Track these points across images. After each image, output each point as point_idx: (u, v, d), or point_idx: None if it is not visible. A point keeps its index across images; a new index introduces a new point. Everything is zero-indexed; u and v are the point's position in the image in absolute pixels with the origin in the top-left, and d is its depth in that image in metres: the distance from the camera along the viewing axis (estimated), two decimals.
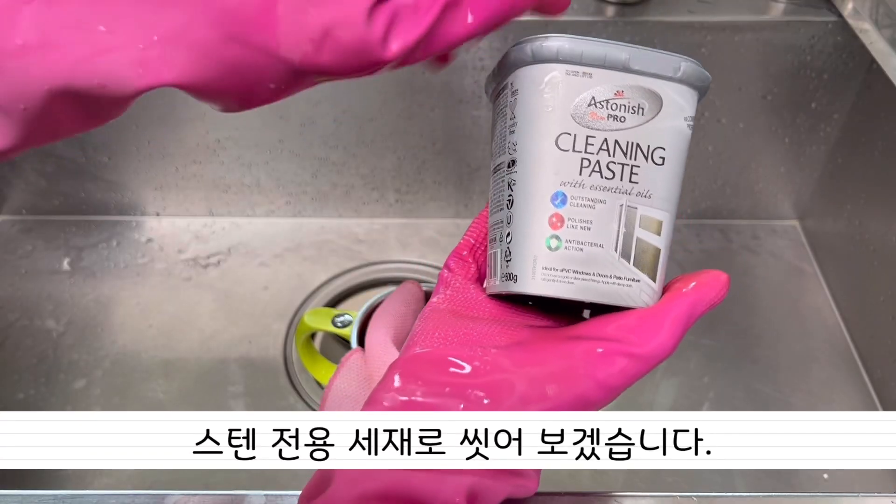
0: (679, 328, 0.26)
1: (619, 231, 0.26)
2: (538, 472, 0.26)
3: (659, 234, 0.27)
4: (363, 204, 0.70)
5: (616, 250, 0.26)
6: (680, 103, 0.27)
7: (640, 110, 0.26)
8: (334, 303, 0.64)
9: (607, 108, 0.26)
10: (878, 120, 0.58)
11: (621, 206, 0.26)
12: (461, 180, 0.68)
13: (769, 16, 0.59)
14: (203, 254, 0.67)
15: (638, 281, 0.26)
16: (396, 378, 0.26)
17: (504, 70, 0.28)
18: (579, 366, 0.25)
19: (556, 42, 0.26)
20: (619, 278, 0.26)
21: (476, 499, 0.24)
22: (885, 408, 0.56)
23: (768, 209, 0.70)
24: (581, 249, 0.26)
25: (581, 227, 0.26)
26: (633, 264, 0.26)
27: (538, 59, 0.26)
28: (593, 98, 0.26)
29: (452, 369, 0.26)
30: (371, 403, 0.26)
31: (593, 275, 0.26)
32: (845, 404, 0.57)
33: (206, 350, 0.60)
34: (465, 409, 0.25)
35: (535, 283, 0.26)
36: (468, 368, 0.26)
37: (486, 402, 0.25)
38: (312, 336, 0.60)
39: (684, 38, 0.59)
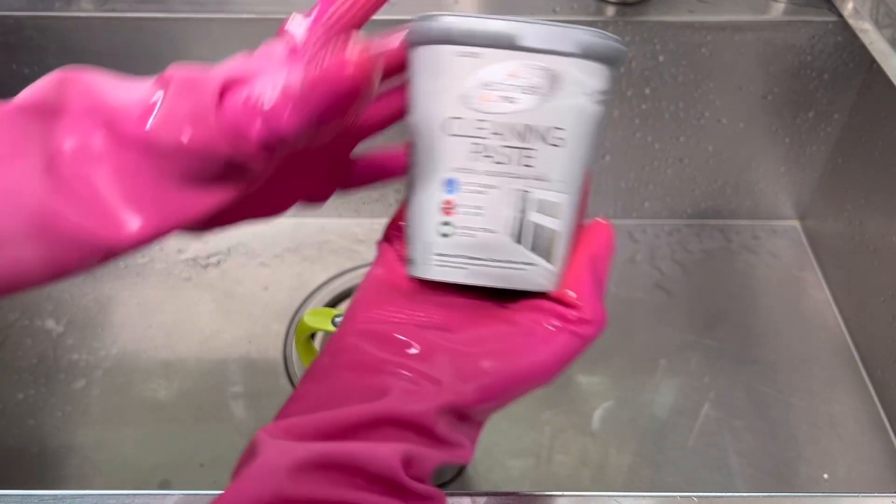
0: (594, 291, 0.26)
1: (512, 216, 0.25)
2: (474, 441, 0.27)
3: (557, 216, 0.26)
4: (363, 204, 0.70)
5: (510, 235, 0.26)
6: (581, 80, 0.25)
7: (535, 90, 0.24)
8: (334, 303, 0.64)
9: (499, 90, 0.24)
10: (878, 120, 0.58)
11: (515, 190, 0.25)
12: None
13: (769, 16, 0.59)
14: (203, 254, 0.67)
15: (533, 265, 0.26)
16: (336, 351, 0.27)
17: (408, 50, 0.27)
18: (517, 344, 0.26)
19: (442, 22, 0.24)
20: (513, 262, 0.26)
21: (411, 463, 0.24)
22: (885, 408, 0.56)
23: (768, 209, 0.70)
24: (474, 236, 0.26)
25: (473, 214, 0.25)
26: (529, 248, 0.26)
27: (425, 40, 0.25)
28: (482, 80, 0.24)
29: (395, 348, 0.26)
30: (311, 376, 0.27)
31: (487, 260, 0.26)
32: (845, 404, 0.57)
33: (206, 350, 0.60)
34: (407, 387, 0.25)
35: (428, 268, 0.26)
36: (410, 346, 0.26)
37: (428, 379, 0.25)
38: (312, 336, 0.60)
39: (684, 38, 0.59)
